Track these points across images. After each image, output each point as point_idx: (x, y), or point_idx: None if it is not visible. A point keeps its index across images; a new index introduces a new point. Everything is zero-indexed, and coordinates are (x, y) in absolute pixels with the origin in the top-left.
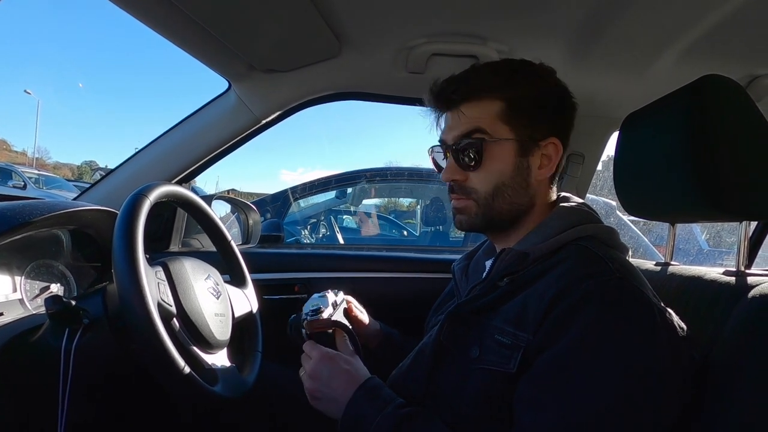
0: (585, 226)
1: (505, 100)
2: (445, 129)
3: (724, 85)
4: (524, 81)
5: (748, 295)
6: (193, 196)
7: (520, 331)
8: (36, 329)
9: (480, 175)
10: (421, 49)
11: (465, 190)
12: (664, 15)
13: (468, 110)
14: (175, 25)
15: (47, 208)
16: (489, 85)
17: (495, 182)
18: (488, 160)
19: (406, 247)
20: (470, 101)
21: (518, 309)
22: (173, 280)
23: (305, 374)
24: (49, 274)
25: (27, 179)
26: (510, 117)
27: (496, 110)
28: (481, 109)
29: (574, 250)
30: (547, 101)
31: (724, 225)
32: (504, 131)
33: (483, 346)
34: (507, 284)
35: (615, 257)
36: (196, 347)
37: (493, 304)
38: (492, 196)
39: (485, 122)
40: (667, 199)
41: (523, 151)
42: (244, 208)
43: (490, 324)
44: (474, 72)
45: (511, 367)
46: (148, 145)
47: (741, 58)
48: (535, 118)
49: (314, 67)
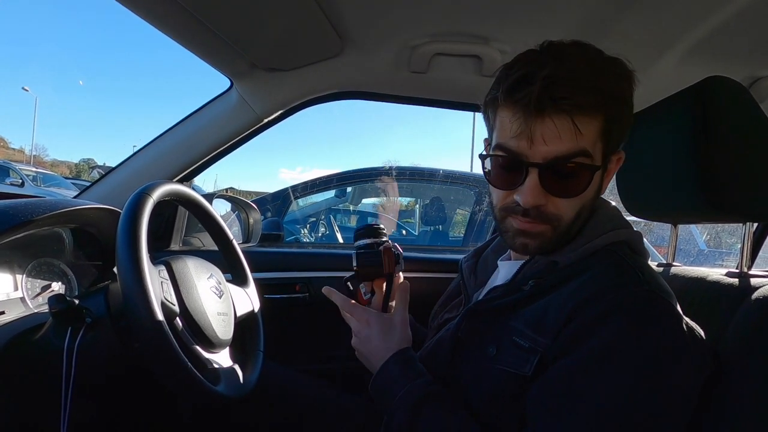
0: (617, 231)
1: (605, 117)
2: (525, 138)
3: (728, 86)
4: (625, 91)
5: (752, 296)
6: (196, 195)
7: (539, 335)
8: (38, 328)
9: (570, 201)
10: (424, 48)
11: (545, 216)
12: (666, 16)
13: (580, 124)
14: (176, 23)
15: (49, 207)
16: (602, 97)
17: (579, 207)
18: (583, 185)
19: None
20: (581, 114)
21: (539, 313)
22: (176, 279)
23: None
24: (51, 273)
25: (25, 177)
26: (606, 135)
27: (599, 128)
28: (590, 126)
29: (606, 258)
30: (631, 112)
31: (724, 226)
32: (598, 153)
33: (501, 346)
34: (530, 288)
35: (645, 267)
36: (198, 346)
37: (514, 306)
38: (573, 221)
39: (590, 144)
40: (669, 200)
41: (605, 169)
42: (245, 207)
43: (508, 325)
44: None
45: (526, 370)
46: (150, 144)
47: (744, 59)
48: (621, 132)
49: (316, 66)
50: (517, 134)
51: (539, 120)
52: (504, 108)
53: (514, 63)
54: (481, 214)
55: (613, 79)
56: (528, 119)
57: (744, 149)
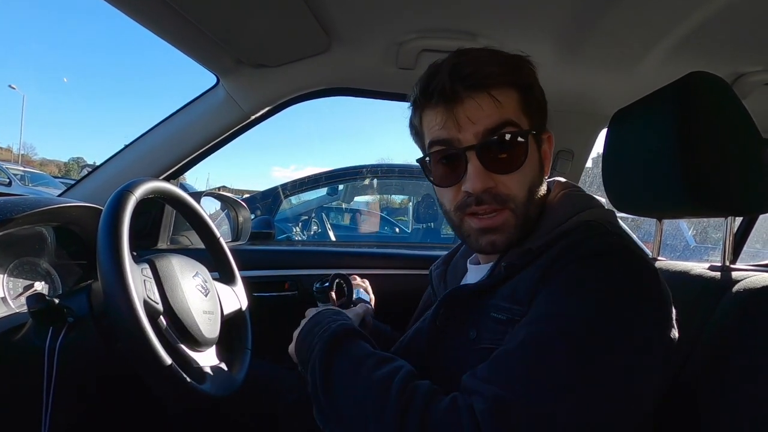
0: (589, 211)
1: (519, 90)
2: (452, 127)
3: (710, 81)
4: (528, 70)
5: (733, 289)
6: (180, 192)
7: (515, 304)
8: (19, 328)
9: (516, 177)
10: (412, 44)
11: (499, 199)
12: (651, 13)
13: (497, 95)
14: (162, 19)
15: (30, 205)
16: (508, 69)
17: (529, 183)
18: (524, 156)
19: (397, 243)
20: (497, 88)
21: (514, 285)
22: (160, 277)
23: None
24: (33, 272)
25: (12, 176)
26: (527, 107)
27: (517, 99)
28: (508, 98)
29: (583, 226)
30: (542, 93)
31: (711, 221)
32: (525, 123)
33: (480, 327)
34: (504, 268)
35: (623, 230)
36: (183, 345)
37: (492, 287)
38: (528, 200)
39: (514, 114)
40: (654, 195)
41: (538, 144)
42: (234, 205)
43: (487, 304)
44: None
45: (505, 342)
46: (135, 141)
47: (727, 56)
48: (542, 108)
49: (304, 62)
50: (444, 124)
51: (458, 103)
52: (425, 109)
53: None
54: None
55: (513, 59)
56: (448, 106)
57: (726, 144)
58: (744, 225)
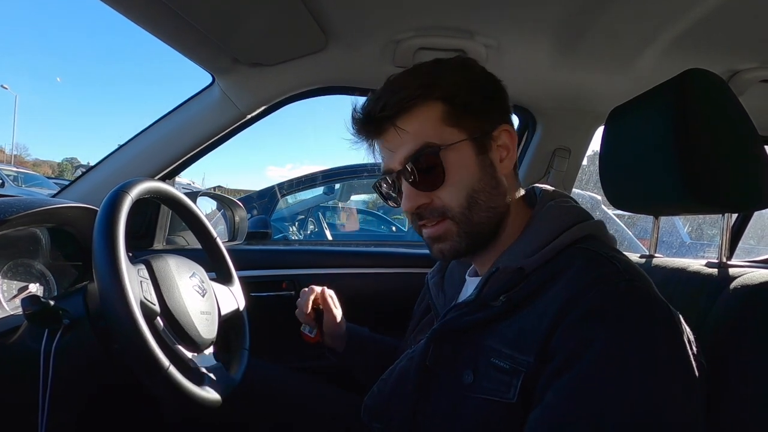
0: (580, 225)
1: (442, 101)
2: (385, 157)
3: (707, 78)
4: (453, 75)
5: (730, 286)
6: (176, 192)
7: (519, 353)
8: (14, 331)
9: (447, 190)
10: (408, 43)
11: (436, 211)
12: (648, 10)
13: (406, 124)
14: (157, 18)
15: (24, 206)
16: (419, 89)
17: (466, 192)
18: (450, 170)
19: (394, 242)
20: (405, 114)
21: (516, 329)
22: (156, 278)
23: None
24: (28, 274)
25: (5, 177)
26: (454, 117)
27: (437, 115)
28: (421, 120)
29: (578, 254)
30: (484, 89)
31: (705, 218)
32: (453, 134)
33: (478, 371)
34: (503, 304)
35: (617, 256)
36: (181, 346)
37: (487, 323)
38: (468, 208)
39: (430, 132)
40: (650, 193)
41: (480, 148)
42: (230, 205)
43: (483, 345)
44: (396, 82)
45: (510, 396)
46: (130, 141)
47: (723, 53)
48: (480, 110)
49: (300, 61)
50: (382, 157)
51: (380, 136)
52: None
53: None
54: None
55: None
56: (377, 140)
57: (723, 141)
58: (739, 221)
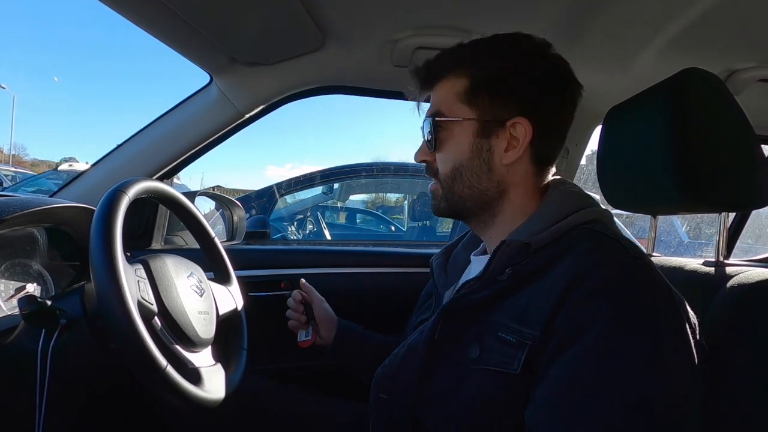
0: (586, 210)
1: (469, 78)
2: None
3: (704, 78)
4: (492, 56)
5: (727, 285)
6: (174, 192)
7: (525, 327)
8: (11, 331)
9: (441, 156)
10: (406, 42)
11: (432, 171)
12: (645, 10)
13: (437, 91)
14: (154, 17)
15: (20, 205)
16: (455, 63)
17: (453, 164)
18: (445, 140)
19: (393, 242)
20: (440, 81)
21: (524, 303)
22: (154, 277)
23: None
24: (25, 274)
25: (3, 177)
26: (471, 96)
27: (458, 89)
28: (446, 90)
29: (585, 234)
30: (518, 78)
31: (704, 217)
32: (463, 111)
33: (484, 345)
34: (508, 277)
35: (623, 237)
36: (178, 346)
37: (493, 300)
38: (451, 179)
39: (445, 103)
40: (648, 192)
41: (483, 131)
42: (229, 205)
43: (491, 320)
44: (446, 51)
45: (514, 367)
46: (128, 140)
47: (720, 52)
48: (500, 96)
49: (297, 60)
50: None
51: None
52: None
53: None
54: None
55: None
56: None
57: (720, 140)
58: (737, 220)
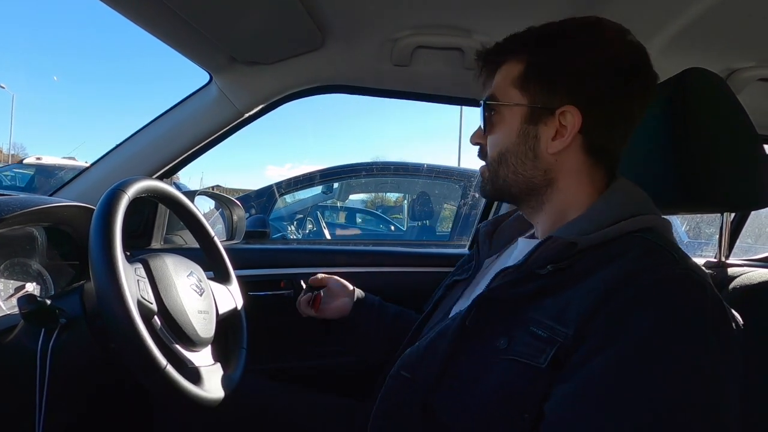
0: (643, 217)
1: (526, 64)
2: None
3: (707, 78)
4: (550, 42)
5: (730, 286)
6: (174, 191)
7: (559, 325)
8: (10, 330)
9: (491, 139)
10: (406, 41)
11: (483, 153)
12: (645, 9)
13: (498, 75)
14: (154, 16)
15: (19, 205)
16: (515, 47)
17: (500, 148)
18: (496, 124)
19: (392, 241)
20: (502, 66)
21: (563, 303)
22: (154, 277)
23: None
24: (25, 273)
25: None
26: (524, 82)
27: (513, 74)
28: (504, 74)
29: (638, 241)
30: (571, 66)
31: (704, 217)
32: (514, 96)
33: (513, 337)
34: (549, 273)
35: (677, 248)
36: (178, 345)
37: (535, 296)
38: (498, 162)
39: (500, 88)
40: (649, 191)
41: (532, 118)
42: (229, 204)
43: (526, 316)
44: (512, 36)
45: (541, 361)
46: (127, 140)
47: (719, 52)
48: (551, 83)
49: (297, 59)
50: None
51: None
52: None
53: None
54: (467, 208)
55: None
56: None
57: (722, 140)
58: (737, 220)
